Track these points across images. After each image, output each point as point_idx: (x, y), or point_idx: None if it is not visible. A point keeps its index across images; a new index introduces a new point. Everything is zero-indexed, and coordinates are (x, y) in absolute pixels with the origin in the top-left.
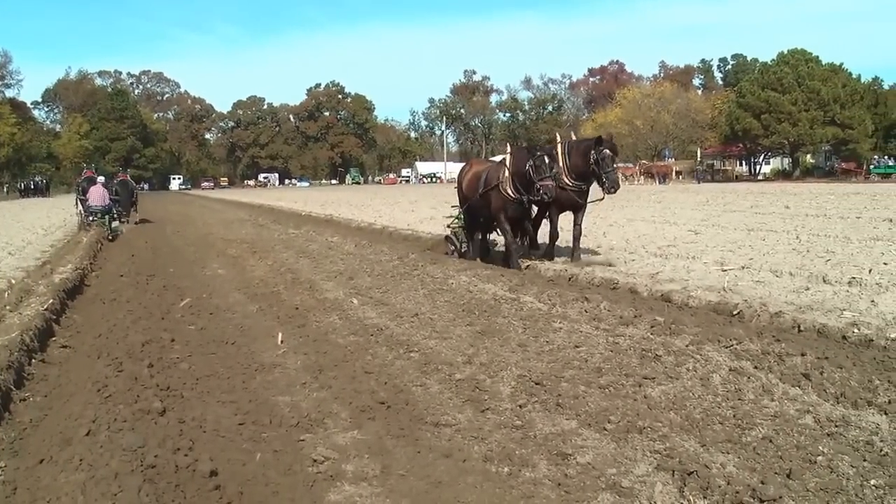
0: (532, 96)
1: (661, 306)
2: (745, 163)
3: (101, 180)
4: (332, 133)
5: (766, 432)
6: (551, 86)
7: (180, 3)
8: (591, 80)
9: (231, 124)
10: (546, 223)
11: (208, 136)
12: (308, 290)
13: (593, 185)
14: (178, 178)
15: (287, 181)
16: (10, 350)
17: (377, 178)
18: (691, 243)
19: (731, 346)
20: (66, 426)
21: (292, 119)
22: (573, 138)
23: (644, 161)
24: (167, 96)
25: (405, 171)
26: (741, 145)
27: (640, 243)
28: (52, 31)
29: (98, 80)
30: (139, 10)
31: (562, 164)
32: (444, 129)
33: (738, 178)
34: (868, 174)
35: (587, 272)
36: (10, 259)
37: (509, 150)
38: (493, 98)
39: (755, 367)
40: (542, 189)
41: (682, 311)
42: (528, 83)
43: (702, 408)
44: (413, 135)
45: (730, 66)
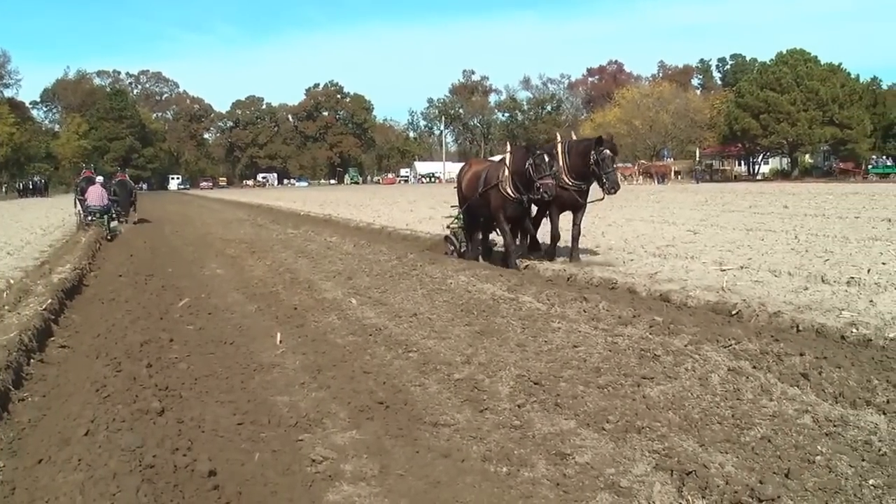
0: (531, 96)
1: (660, 306)
2: (743, 163)
3: (99, 180)
4: (330, 133)
5: (764, 432)
6: (550, 86)
7: (179, 3)
8: (590, 80)
9: (230, 124)
10: (545, 223)
11: (207, 136)
12: (307, 290)
13: (593, 184)
14: (177, 178)
15: (286, 181)
16: (9, 350)
17: (376, 178)
18: (690, 243)
19: (730, 345)
20: (65, 426)
21: (291, 119)
22: (574, 138)
23: (643, 161)
24: (166, 96)
25: (404, 171)
26: (740, 145)
27: (639, 243)
28: (50, 31)
29: (97, 80)
30: (138, 9)
31: (562, 163)
32: (442, 129)
33: (736, 178)
34: (866, 174)
35: (586, 272)
36: (9, 259)
37: (509, 149)
38: (492, 98)
39: (754, 367)
40: (543, 188)
41: (680, 311)
42: (526, 83)
43: (700, 407)
44: (412, 135)
45: (728, 66)
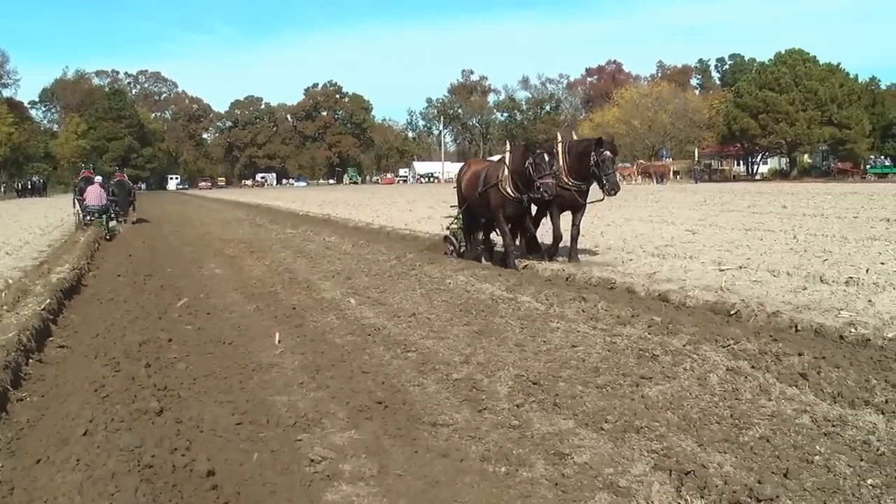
0: (530, 96)
1: (659, 306)
2: (742, 163)
3: (98, 180)
4: (329, 133)
5: (763, 432)
6: (549, 86)
7: (178, 3)
8: (589, 79)
9: (228, 124)
10: (544, 223)
11: (206, 136)
12: (305, 290)
13: (593, 185)
14: (176, 178)
15: (284, 181)
16: (8, 350)
17: (375, 178)
18: (689, 243)
19: (729, 345)
20: (64, 426)
21: (290, 119)
22: (574, 138)
23: (641, 161)
24: (164, 96)
25: (403, 171)
26: (738, 145)
27: (638, 243)
28: (49, 31)
29: (95, 80)
30: (137, 9)
31: (562, 163)
32: (441, 128)
33: (735, 178)
34: (864, 174)
35: (584, 272)
36: (8, 259)
37: (508, 148)
38: (491, 98)
39: (752, 367)
40: (543, 187)
41: (679, 311)
42: (525, 83)
43: (699, 407)
44: (410, 135)
45: (727, 66)
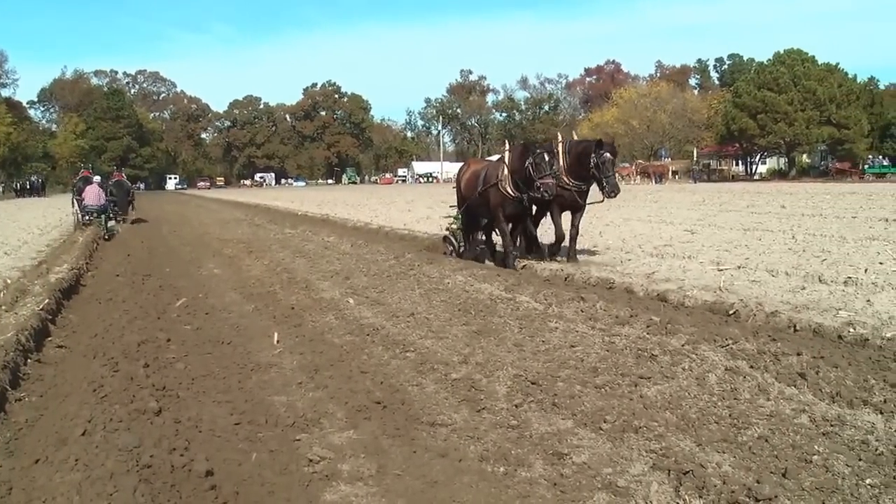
0: (528, 96)
1: (657, 306)
2: (741, 162)
3: (96, 180)
4: (328, 133)
5: (761, 432)
6: (548, 85)
7: (177, 3)
8: (588, 79)
9: (227, 124)
10: (543, 223)
11: (204, 136)
12: (304, 290)
13: (593, 185)
14: (175, 178)
15: (283, 181)
16: (6, 350)
17: (373, 178)
18: (687, 243)
19: (727, 345)
20: (62, 426)
21: (289, 119)
22: (574, 138)
23: (640, 161)
24: (163, 96)
25: (402, 171)
26: (737, 145)
27: (637, 243)
28: (48, 31)
29: (94, 80)
30: (136, 9)
31: (562, 163)
32: (440, 128)
33: (734, 178)
34: (863, 174)
35: (583, 272)
36: (6, 259)
37: (507, 147)
38: (490, 98)
39: (751, 367)
40: (543, 187)
41: (678, 311)
42: (524, 83)
43: (698, 407)
44: (409, 134)
45: (726, 66)
